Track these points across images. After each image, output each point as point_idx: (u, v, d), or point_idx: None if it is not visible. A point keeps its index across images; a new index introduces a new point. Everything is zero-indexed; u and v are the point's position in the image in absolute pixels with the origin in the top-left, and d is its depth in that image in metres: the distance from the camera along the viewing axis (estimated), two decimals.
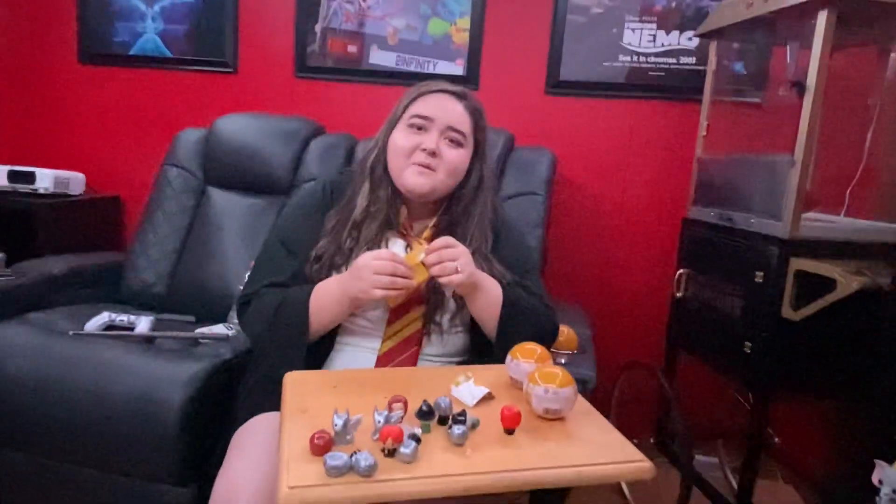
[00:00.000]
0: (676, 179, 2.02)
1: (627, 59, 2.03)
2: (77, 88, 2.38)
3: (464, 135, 1.15)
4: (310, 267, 1.15)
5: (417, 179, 1.13)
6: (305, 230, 1.18)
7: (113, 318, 1.58)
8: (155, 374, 1.31)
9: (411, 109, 1.15)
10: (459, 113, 1.15)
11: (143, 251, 1.91)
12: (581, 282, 2.12)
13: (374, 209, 1.17)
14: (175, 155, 2.01)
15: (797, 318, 1.35)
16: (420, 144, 1.13)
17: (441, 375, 1.02)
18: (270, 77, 2.25)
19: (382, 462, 0.74)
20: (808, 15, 1.35)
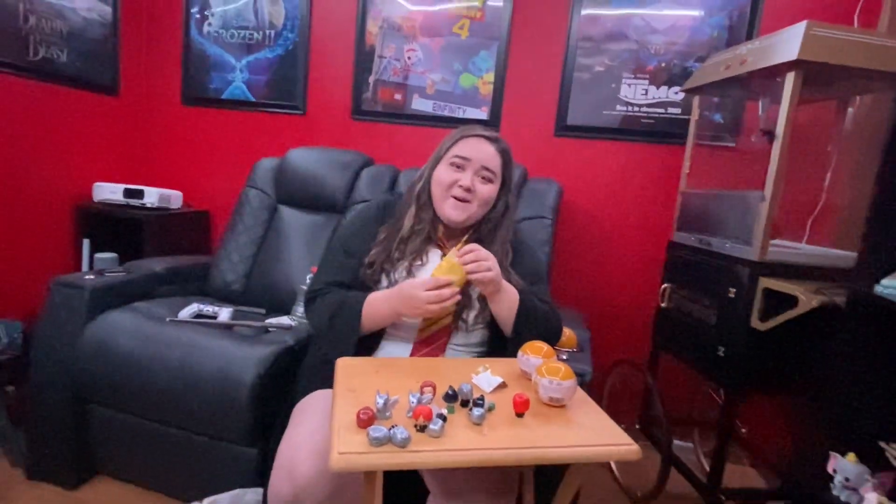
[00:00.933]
0: (663, 209, 2.00)
1: (624, 109, 2.01)
2: (179, 124, 2.45)
3: (494, 173, 1.16)
4: (364, 271, 1.16)
5: (454, 212, 1.16)
6: (363, 238, 1.20)
7: (201, 308, 1.61)
8: (232, 354, 1.34)
9: (453, 150, 1.17)
10: (492, 154, 1.17)
11: (226, 255, 1.95)
12: (581, 291, 2.10)
13: (418, 228, 1.18)
14: (254, 179, 2.05)
15: (764, 329, 1.32)
16: (458, 181, 1.14)
17: (464, 365, 1.02)
18: (332, 118, 2.28)
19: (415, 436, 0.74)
20: (778, 75, 1.33)
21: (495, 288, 1.08)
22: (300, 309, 1.67)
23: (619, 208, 2.06)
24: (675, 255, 1.71)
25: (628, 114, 2.01)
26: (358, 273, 1.17)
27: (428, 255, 1.18)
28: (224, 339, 1.39)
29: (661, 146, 2.00)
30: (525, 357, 0.97)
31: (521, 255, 1.23)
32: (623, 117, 2.02)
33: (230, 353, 1.33)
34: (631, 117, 2.01)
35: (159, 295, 1.76)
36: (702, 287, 1.54)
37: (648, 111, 1.99)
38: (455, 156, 1.16)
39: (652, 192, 2.02)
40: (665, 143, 1.99)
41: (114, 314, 1.48)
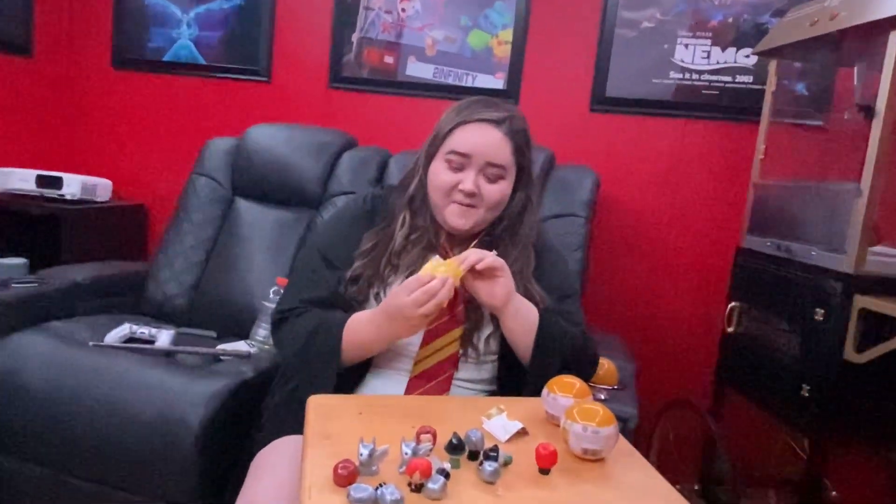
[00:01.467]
0: (729, 205, 1.99)
1: (678, 76, 2.01)
2: (109, 93, 2.46)
3: (503, 168, 1.15)
4: (346, 286, 1.16)
5: (458, 220, 1.16)
6: (346, 244, 1.20)
7: (134, 330, 1.61)
8: (174, 390, 1.33)
9: (449, 143, 1.15)
10: (497, 144, 1.14)
11: (166, 262, 1.95)
12: (623, 311, 2.09)
13: (414, 237, 1.19)
14: (203, 164, 2.06)
15: (861, 361, 1.31)
16: (459, 183, 1.14)
17: (472, 406, 1.01)
18: (304, 87, 2.30)
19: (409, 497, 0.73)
20: (879, 35, 1.33)
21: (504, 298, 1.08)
22: (261, 331, 1.66)
23: (673, 204, 2.06)
24: (744, 265, 1.71)
25: (685, 83, 2.01)
26: (339, 288, 1.17)
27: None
28: (164, 371, 1.39)
29: (727, 124, 2.00)
30: (551, 397, 0.96)
31: (545, 264, 1.23)
32: (678, 87, 2.02)
33: (171, 389, 1.33)
34: (688, 87, 2.01)
35: (81, 313, 1.76)
36: (780, 307, 1.53)
37: (711, 79, 2.00)
38: (451, 152, 1.15)
39: (715, 183, 2.02)
40: (732, 121, 1.99)
41: (22, 337, 1.48)
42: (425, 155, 1.20)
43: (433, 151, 1.18)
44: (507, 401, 1.02)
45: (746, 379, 1.66)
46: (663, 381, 2.05)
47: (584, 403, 0.89)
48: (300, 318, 1.14)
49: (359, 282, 1.16)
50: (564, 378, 0.98)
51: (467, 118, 1.16)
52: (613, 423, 0.85)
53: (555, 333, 1.11)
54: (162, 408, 1.31)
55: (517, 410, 0.96)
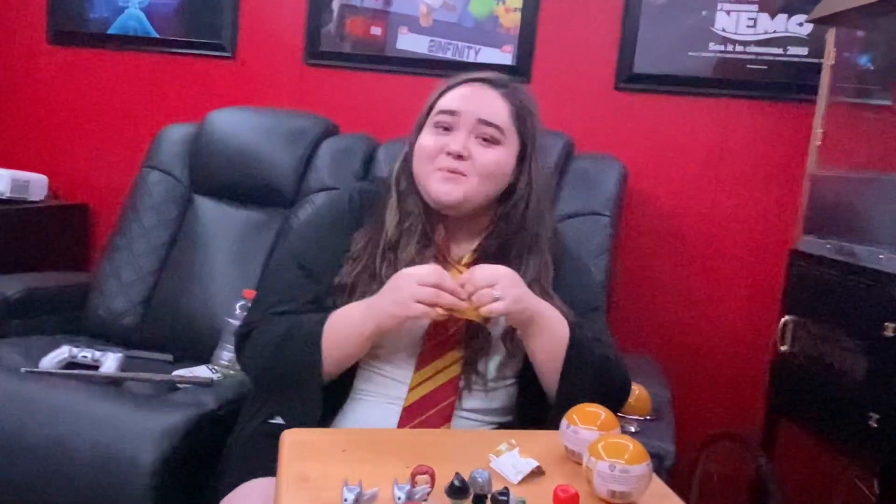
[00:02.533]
0: (781, 200, 1.99)
1: (720, 49, 2.02)
2: (43, 74, 2.47)
3: (500, 129, 1.16)
4: (333, 298, 1.16)
5: (443, 187, 1.14)
6: (328, 249, 1.20)
7: (74, 353, 1.60)
8: (122, 425, 1.33)
9: (436, 106, 1.18)
10: (491, 102, 1.16)
11: (113, 272, 1.95)
12: (656, 327, 2.09)
13: (407, 224, 1.18)
14: (156, 156, 2.06)
15: None
16: (445, 146, 1.14)
17: (477, 442, 1.01)
18: (275, 64, 2.30)
19: None
20: None
21: (521, 317, 1.08)
22: (225, 354, 1.67)
23: (714, 200, 2.06)
24: (799, 271, 1.71)
25: (727, 56, 2.02)
26: (320, 299, 1.17)
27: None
28: (110, 402, 1.39)
29: (777, 105, 2.00)
30: (572, 429, 0.95)
31: (565, 272, 1.23)
32: (719, 61, 2.02)
33: (119, 422, 1.33)
34: (731, 61, 2.02)
35: (11, 333, 1.76)
36: (842, 321, 1.53)
37: (758, 52, 2.00)
38: (439, 111, 1.16)
39: (764, 175, 2.02)
40: (784, 101, 1.99)
41: None
42: (415, 129, 1.21)
43: (421, 123, 1.20)
44: (518, 434, 1.02)
45: (803, 407, 1.66)
46: (705, 411, 2.04)
47: (611, 437, 0.89)
48: (270, 327, 1.14)
49: (348, 289, 1.16)
50: (587, 407, 0.98)
51: (458, 80, 1.19)
52: (646, 461, 0.85)
53: (587, 351, 1.11)
54: (108, 445, 1.30)
55: (531, 446, 0.95)
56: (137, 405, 1.38)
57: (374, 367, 1.16)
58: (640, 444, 0.87)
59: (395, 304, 1.04)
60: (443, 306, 1.03)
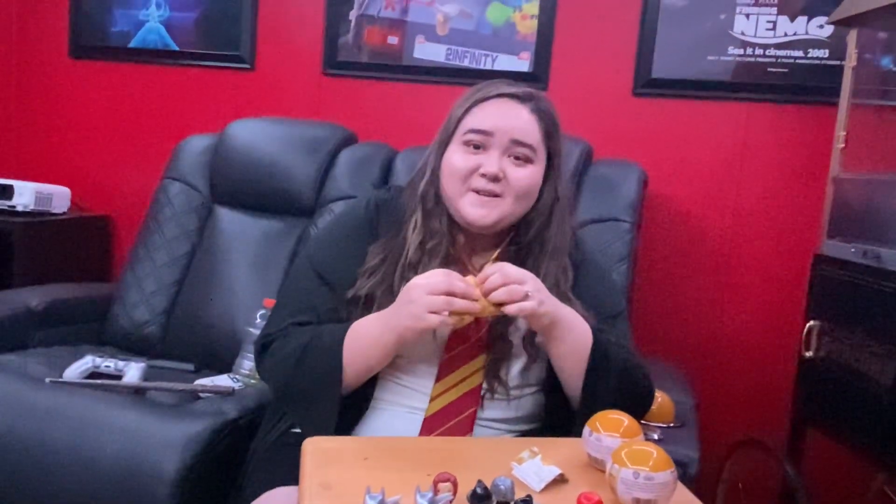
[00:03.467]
0: (804, 205, 1.98)
1: (739, 52, 2.01)
2: (66, 87, 2.50)
3: (532, 148, 1.16)
4: (349, 310, 1.16)
5: (478, 211, 1.15)
6: (346, 258, 1.20)
7: (98, 363, 1.62)
8: (145, 434, 1.34)
9: (466, 122, 1.17)
10: (525, 121, 1.17)
11: (135, 283, 1.96)
12: (678, 334, 2.08)
13: (430, 245, 1.18)
14: (177, 167, 2.08)
15: None
16: (479, 167, 1.14)
17: (499, 449, 1.01)
18: (293, 74, 2.32)
19: None
20: None
21: (545, 320, 1.07)
22: (247, 363, 1.68)
23: (736, 205, 2.05)
24: (824, 275, 1.69)
25: (747, 60, 2.01)
26: (339, 309, 1.17)
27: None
28: (133, 411, 1.40)
29: (798, 108, 1.99)
30: (595, 437, 0.95)
31: (586, 278, 1.23)
32: (739, 65, 2.01)
33: (142, 432, 1.34)
34: (751, 65, 2.01)
35: (36, 343, 1.78)
36: (869, 325, 1.51)
37: (778, 55, 1.99)
38: (470, 130, 1.16)
39: (786, 179, 2.01)
40: (805, 104, 1.98)
41: None
42: (438, 143, 1.21)
43: (447, 138, 1.19)
44: (541, 442, 1.01)
45: (830, 414, 1.64)
46: (729, 418, 2.02)
47: (635, 444, 0.88)
48: (290, 337, 1.15)
49: (362, 301, 1.16)
50: (610, 414, 0.98)
51: (486, 94, 1.18)
52: (670, 468, 0.85)
53: (612, 355, 1.11)
54: (131, 454, 1.31)
55: (554, 453, 0.95)
56: (160, 414, 1.39)
57: (394, 378, 1.16)
58: (665, 452, 0.86)
59: (410, 317, 1.04)
60: (457, 312, 1.03)
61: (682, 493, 0.91)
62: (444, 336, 1.15)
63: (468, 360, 1.15)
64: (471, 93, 1.20)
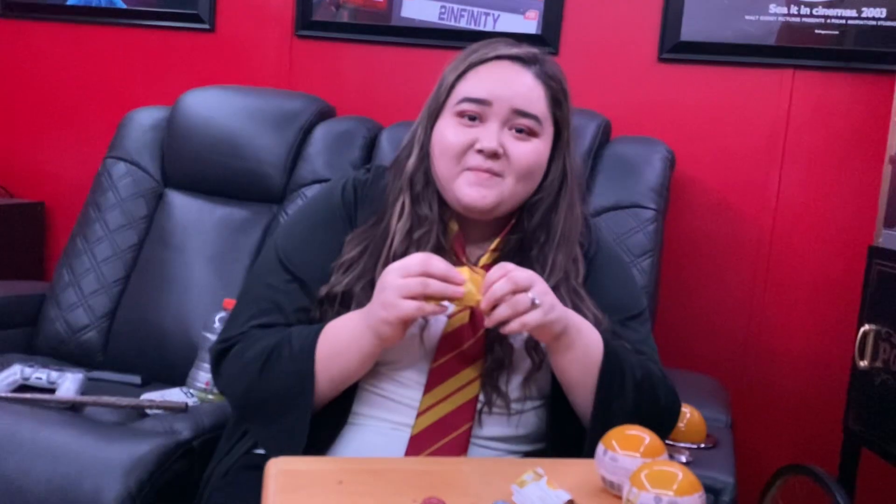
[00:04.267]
0: (858, 189, 1.98)
1: (782, 12, 2.01)
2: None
3: (537, 119, 1.16)
4: (322, 310, 1.16)
5: (475, 192, 1.14)
6: (319, 251, 1.20)
7: (27, 374, 1.61)
8: (82, 457, 1.32)
9: (459, 90, 1.17)
10: (528, 87, 1.16)
11: (72, 281, 1.96)
12: (712, 340, 2.08)
13: (418, 234, 1.17)
14: (122, 145, 2.07)
15: None
16: (475, 142, 1.14)
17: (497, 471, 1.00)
18: (261, 36, 2.31)
19: None
20: None
21: (553, 329, 1.07)
22: (203, 374, 1.67)
23: (777, 189, 2.05)
24: (881, 271, 1.69)
25: (791, 20, 2.00)
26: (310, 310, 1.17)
27: None
28: (69, 431, 1.38)
29: (850, 76, 1.99)
30: (610, 456, 0.94)
31: (600, 273, 1.23)
32: (782, 26, 2.01)
33: (79, 454, 1.32)
34: (796, 27, 2.00)
35: None
36: None
37: (827, 14, 1.99)
38: (465, 99, 1.15)
39: (836, 157, 2.01)
40: (858, 72, 1.98)
41: None
42: (427, 115, 1.21)
43: (437, 109, 1.19)
44: (547, 463, 1.01)
45: (889, 433, 1.64)
46: (770, 439, 2.03)
47: (657, 465, 0.88)
48: (253, 341, 1.14)
49: (339, 302, 1.15)
50: (627, 430, 0.97)
51: (483, 57, 1.17)
52: (699, 491, 0.84)
53: (626, 368, 1.11)
54: (65, 480, 1.30)
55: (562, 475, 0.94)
56: (100, 434, 1.38)
57: (375, 388, 1.15)
58: (692, 473, 0.85)
59: (383, 306, 1.02)
60: (434, 296, 1.01)
61: None
62: (435, 340, 1.14)
63: (462, 367, 1.14)
64: (465, 55, 1.20)
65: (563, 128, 1.21)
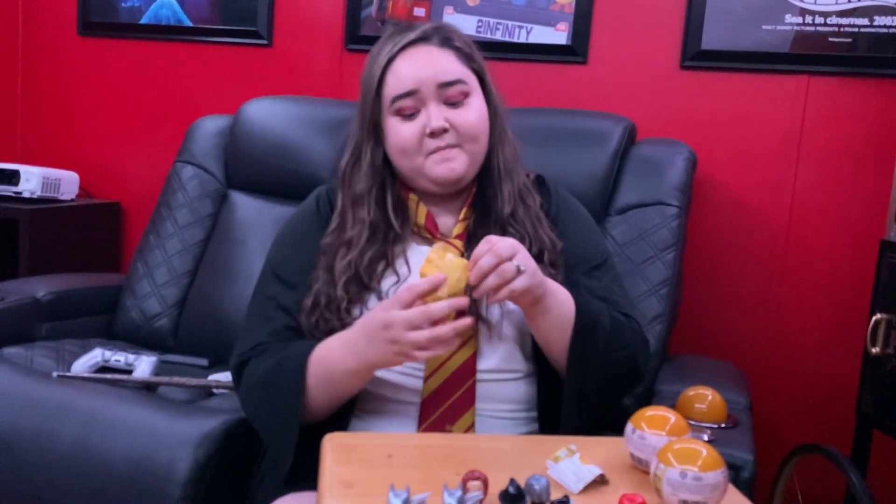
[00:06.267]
0: (870, 186, 1.94)
1: (797, 21, 1.97)
2: (74, 67, 2.54)
3: (462, 81, 1.17)
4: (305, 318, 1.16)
5: (443, 168, 1.15)
6: (303, 258, 1.21)
7: (107, 357, 1.65)
8: (156, 431, 1.35)
9: (385, 94, 1.17)
10: (440, 58, 1.17)
11: (146, 273, 1.99)
12: (731, 329, 2.06)
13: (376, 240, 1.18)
14: (190, 150, 2.10)
15: None
16: (425, 128, 1.14)
17: (533, 448, 1.01)
18: (313, 50, 2.32)
19: None
20: None
21: (535, 293, 1.06)
22: None
23: (794, 187, 2.02)
24: (893, 263, 1.66)
25: (806, 29, 1.97)
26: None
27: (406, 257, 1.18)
28: (144, 407, 1.41)
29: (863, 81, 1.95)
30: (638, 434, 0.95)
31: (565, 228, 1.24)
32: (797, 35, 1.98)
33: (153, 429, 1.35)
34: (811, 35, 1.97)
35: (43, 336, 1.81)
36: None
37: (840, 23, 1.95)
38: (395, 98, 1.15)
39: (850, 158, 1.98)
40: (871, 77, 1.94)
41: None
42: (361, 126, 1.21)
43: (373, 118, 1.19)
44: (579, 440, 1.01)
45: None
46: (787, 421, 2.00)
47: (682, 442, 0.88)
48: (262, 360, 1.14)
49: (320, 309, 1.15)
50: (653, 410, 0.98)
51: (390, 55, 1.17)
52: (721, 467, 0.84)
53: (596, 324, 1.11)
54: (142, 453, 1.32)
55: (593, 452, 0.95)
56: (172, 411, 1.40)
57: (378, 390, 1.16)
58: (715, 450, 0.85)
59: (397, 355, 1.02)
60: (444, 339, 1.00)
61: (734, 495, 0.90)
62: None
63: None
64: (372, 59, 1.20)
65: (483, 74, 1.21)
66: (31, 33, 2.56)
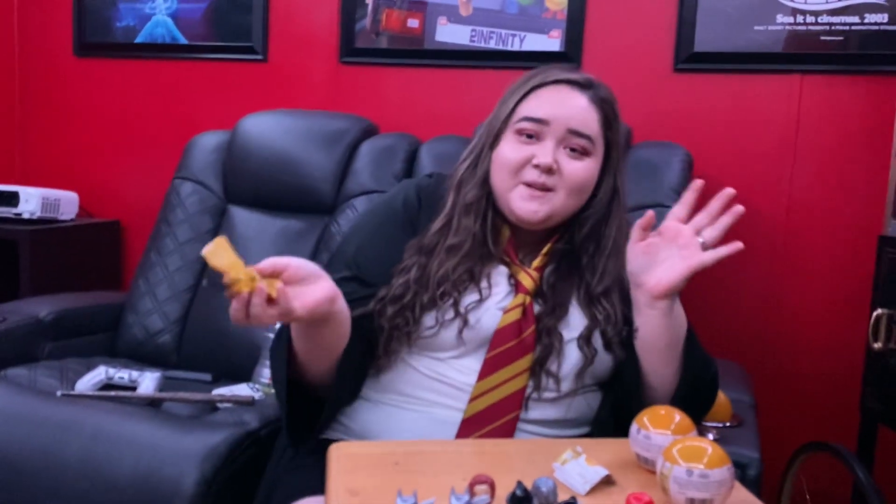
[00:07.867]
0: (866, 182, 1.95)
1: (789, 21, 1.98)
2: (71, 87, 2.54)
3: (590, 139, 1.16)
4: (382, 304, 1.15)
5: (528, 206, 1.14)
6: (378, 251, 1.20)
7: (111, 374, 1.65)
8: (161, 447, 1.35)
9: (520, 110, 1.17)
10: (583, 109, 1.16)
11: (148, 290, 1.99)
12: (734, 328, 2.06)
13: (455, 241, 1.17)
14: (188, 166, 2.11)
15: None
16: (532, 158, 1.14)
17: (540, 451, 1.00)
18: (308, 64, 2.33)
19: None
20: None
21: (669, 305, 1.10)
22: (267, 371, 1.69)
23: (790, 186, 2.02)
24: (891, 258, 1.66)
25: (798, 28, 1.98)
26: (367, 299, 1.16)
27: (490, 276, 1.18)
28: (149, 423, 1.41)
29: (855, 78, 1.96)
30: (643, 434, 0.94)
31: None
32: (790, 35, 1.98)
33: (159, 445, 1.35)
34: (803, 34, 1.98)
35: (46, 356, 1.81)
36: None
37: (832, 22, 1.96)
38: (524, 118, 1.16)
39: (845, 155, 1.98)
40: (863, 74, 1.95)
41: None
42: (487, 134, 1.20)
43: (498, 128, 1.19)
44: (584, 442, 1.01)
45: None
46: (792, 419, 2.00)
47: (688, 440, 0.87)
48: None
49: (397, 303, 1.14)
50: (657, 410, 0.97)
51: (543, 80, 1.18)
52: (727, 464, 0.84)
53: (700, 348, 1.15)
54: (148, 468, 1.33)
55: (599, 453, 0.94)
56: (177, 426, 1.41)
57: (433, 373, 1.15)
58: (720, 448, 0.85)
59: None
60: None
61: (740, 492, 0.90)
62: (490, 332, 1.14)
63: (515, 358, 1.14)
64: (525, 79, 1.20)
65: (612, 148, 1.20)
66: (27, 55, 2.57)
